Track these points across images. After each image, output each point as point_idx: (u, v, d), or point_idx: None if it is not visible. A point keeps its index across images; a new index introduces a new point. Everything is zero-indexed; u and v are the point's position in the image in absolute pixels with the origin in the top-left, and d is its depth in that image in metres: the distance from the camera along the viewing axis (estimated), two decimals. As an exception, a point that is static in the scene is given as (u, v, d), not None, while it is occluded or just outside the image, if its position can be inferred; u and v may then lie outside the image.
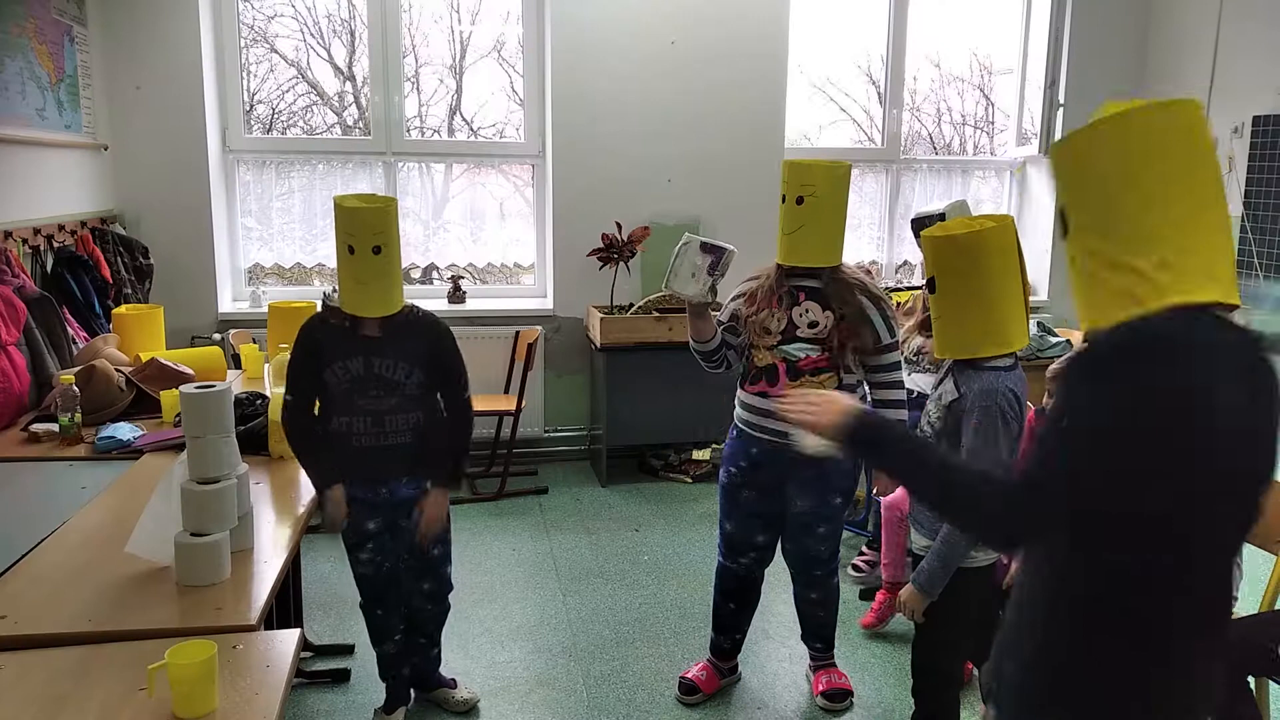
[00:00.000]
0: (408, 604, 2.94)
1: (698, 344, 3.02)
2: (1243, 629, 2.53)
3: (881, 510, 3.60)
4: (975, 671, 3.07)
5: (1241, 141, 5.11)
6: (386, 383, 2.67)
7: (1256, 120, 5.00)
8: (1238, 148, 5.14)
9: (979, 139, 6.47)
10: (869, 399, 2.99)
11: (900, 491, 3.58)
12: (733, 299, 3.05)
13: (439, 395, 2.82)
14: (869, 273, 4.73)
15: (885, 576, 3.60)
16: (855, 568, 3.98)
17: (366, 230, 2.57)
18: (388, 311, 2.64)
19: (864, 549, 4.03)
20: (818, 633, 3.20)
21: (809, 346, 2.85)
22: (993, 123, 6.44)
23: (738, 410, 3.02)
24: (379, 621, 2.90)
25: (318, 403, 2.73)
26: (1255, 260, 4.97)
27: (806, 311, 2.86)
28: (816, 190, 2.78)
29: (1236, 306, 1.41)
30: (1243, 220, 5.07)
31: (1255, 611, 2.77)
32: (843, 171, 2.84)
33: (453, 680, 3.12)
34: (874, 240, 6.06)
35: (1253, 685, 2.53)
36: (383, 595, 2.87)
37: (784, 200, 2.85)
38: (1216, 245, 1.41)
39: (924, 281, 2.35)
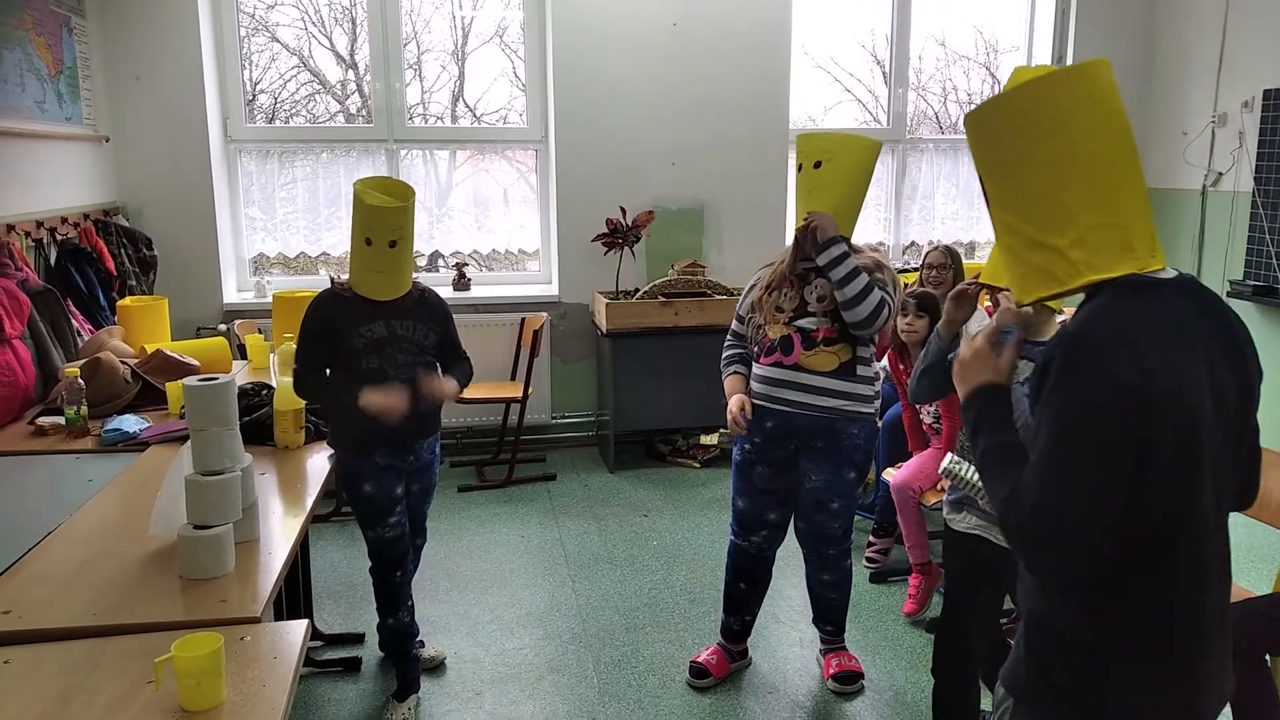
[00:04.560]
0: None
1: None
2: (1260, 607, 2.51)
3: (893, 494, 3.58)
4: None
5: (1251, 116, 5.05)
6: (409, 343, 2.81)
7: (1267, 94, 4.93)
8: (1248, 122, 5.08)
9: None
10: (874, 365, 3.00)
11: (910, 472, 3.56)
12: (750, 288, 3.06)
13: (443, 359, 2.98)
14: (876, 251, 4.69)
15: (912, 560, 3.58)
16: (869, 559, 3.95)
17: (385, 226, 2.69)
18: (399, 294, 2.80)
19: (872, 538, 4.00)
20: (829, 615, 3.19)
21: (821, 320, 2.87)
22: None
23: (752, 384, 3.01)
24: (397, 585, 2.94)
25: (350, 380, 2.78)
26: (1266, 235, 4.92)
27: (817, 288, 2.90)
28: (834, 156, 2.84)
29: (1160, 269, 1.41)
30: (1253, 195, 5.02)
31: (1272, 590, 2.74)
32: (863, 144, 2.88)
33: (421, 641, 3.22)
34: (880, 221, 6.02)
35: (1269, 663, 2.51)
36: (401, 558, 2.93)
37: (800, 169, 2.90)
38: (1131, 213, 1.40)
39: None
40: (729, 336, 3.15)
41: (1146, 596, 1.38)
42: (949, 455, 2.30)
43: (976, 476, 2.93)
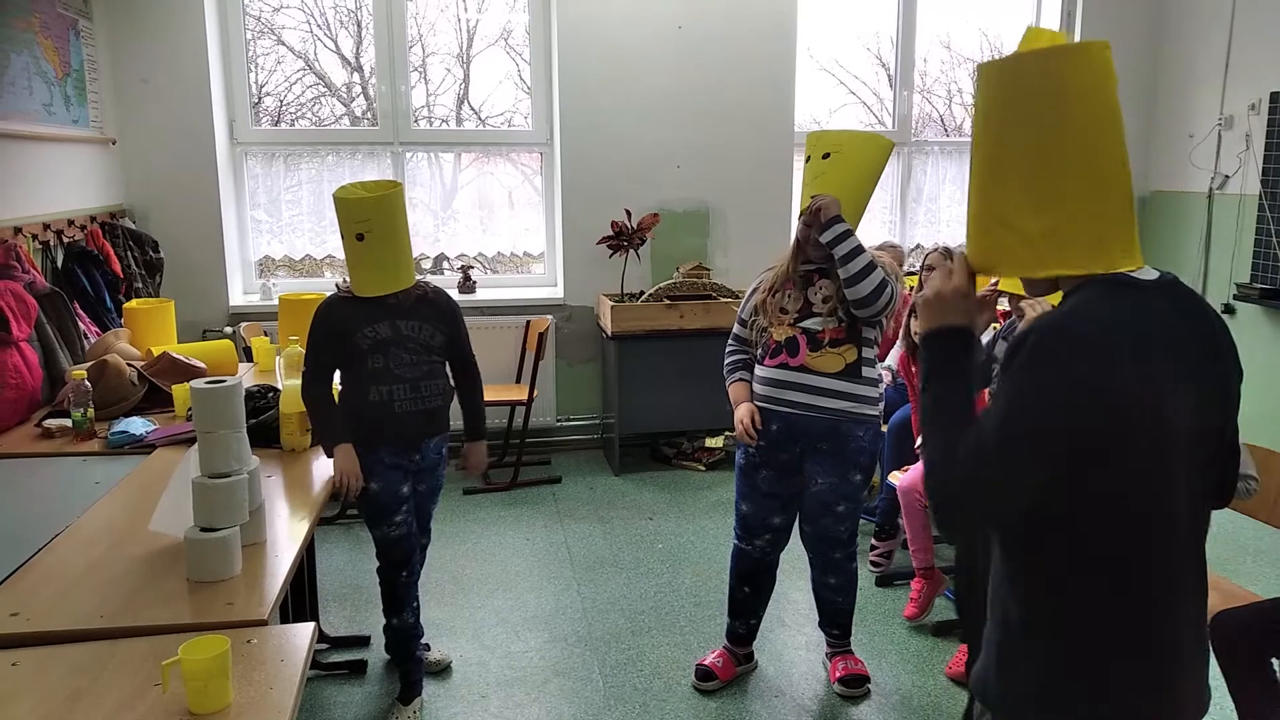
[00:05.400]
0: None
1: None
2: (1266, 610, 2.50)
3: (899, 497, 3.57)
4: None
5: (1259, 118, 5.04)
6: (415, 343, 2.83)
7: (1274, 97, 4.92)
8: (1254, 124, 5.07)
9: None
10: (880, 371, 2.99)
11: (917, 475, 3.55)
12: (752, 291, 3.05)
13: (454, 360, 3.02)
14: (893, 247, 4.67)
15: (916, 564, 3.56)
16: (873, 563, 3.94)
17: (349, 220, 2.73)
18: (384, 291, 2.79)
19: (874, 541, 3.98)
20: (835, 619, 3.18)
21: (826, 320, 2.87)
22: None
23: (756, 387, 3.00)
24: (403, 585, 2.94)
25: (356, 379, 2.84)
26: (1273, 238, 4.91)
27: (821, 289, 2.90)
28: (844, 150, 2.84)
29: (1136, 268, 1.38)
30: (1260, 198, 5.01)
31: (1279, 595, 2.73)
32: (875, 141, 2.88)
33: (427, 644, 3.23)
34: (885, 224, 6.02)
35: (1277, 667, 2.50)
36: (409, 557, 2.93)
37: (808, 160, 2.91)
38: (1110, 209, 1.36)
39: None
40: (731, 341, 3.14)
41: (1121, 598, 1.35)
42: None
43: None
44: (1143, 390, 1.29)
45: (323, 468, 2.77)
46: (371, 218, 2.70)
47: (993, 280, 2.35)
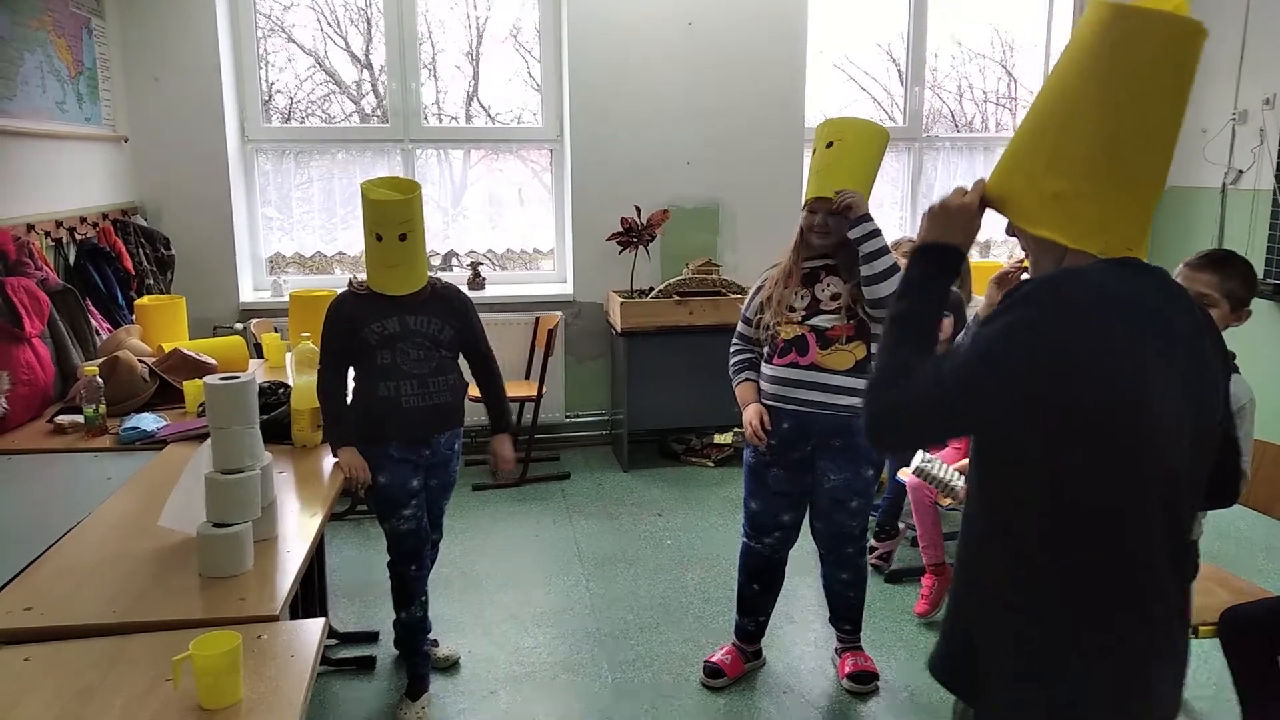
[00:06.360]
0: None
1: None
2: (1275, 608, 2.49)
3: (910, 494, 3.56)
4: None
5: (1273, 113, 5.01)
6: (423, 338, 2.85)
7: (1288, 91, 4.89)
8: (1269, 119, 5.04)
9: (1001, 116, 6.38)
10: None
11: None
12: (757, 289, 3.04)
13: (468, 355, 3.04)
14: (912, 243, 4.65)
15: (926, 560, 3.55)
16: (873, 566, 3.88)
17: (392, 220, 2.74)
18: (415, 288, 2.84)
19: (874, 542, 3.91)
20: (847, 615, 3.18)
21: (835, 317, 2.86)
22: (1015, 99, 6.34)
23: (765, 386, 2.99)
24: (412, 579, 2.96)
25: (366, 375, 2.87)
26: (1287, 235, 4.87)
27: (828, 286, 2.90)
28: (844, 137, 2.85)
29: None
30: (1274, 193, 4.98)
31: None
32: (871, 129, 2.89)
33: (435, 640, 3.28)
34: (897, 220, 6.00)
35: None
36: (418, 550, 2.95)
37: (814, 153, 2.91)
38: (1124, 202, 1.34)
39: None
40: (736, 340, 3.13)
41: (1092, 593, 1.32)
42: (920, 454, 2.24)
43: (945, 474, 2.93)
44: (1128, 369, 1.27)
45: (334, 463, 2.78)
46: (411, 217, 2.77)
47: (1016, 259, 2.33)
